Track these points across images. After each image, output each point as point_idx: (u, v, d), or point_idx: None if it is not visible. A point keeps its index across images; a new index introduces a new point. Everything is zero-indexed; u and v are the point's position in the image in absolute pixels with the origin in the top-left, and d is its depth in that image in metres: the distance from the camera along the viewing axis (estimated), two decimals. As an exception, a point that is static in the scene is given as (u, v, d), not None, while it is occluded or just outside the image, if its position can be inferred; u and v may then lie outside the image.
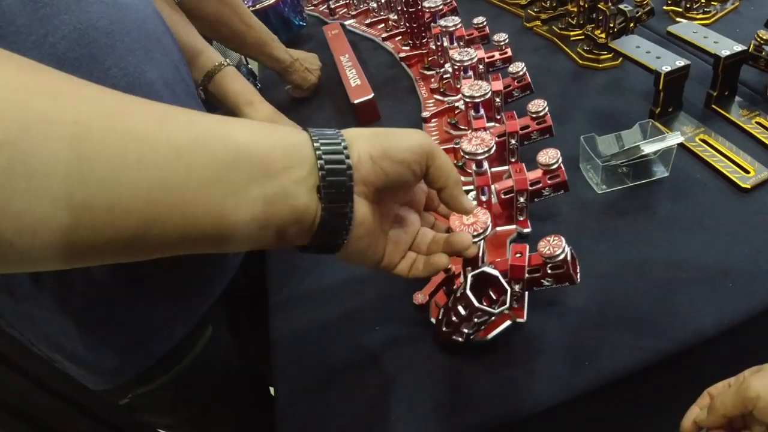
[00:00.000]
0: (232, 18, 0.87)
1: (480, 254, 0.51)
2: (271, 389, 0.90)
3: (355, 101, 0.91)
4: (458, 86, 0.86)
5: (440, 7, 0.93)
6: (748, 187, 0.65)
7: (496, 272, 0.48)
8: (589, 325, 0.56)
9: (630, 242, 0.63)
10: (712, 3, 0.96)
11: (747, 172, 0.67)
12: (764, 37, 0.74)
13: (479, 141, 0.56)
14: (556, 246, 0.49)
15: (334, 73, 1.07)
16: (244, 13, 0.90)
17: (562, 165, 0.59)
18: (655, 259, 0.60)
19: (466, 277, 0.49)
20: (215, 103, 0.84)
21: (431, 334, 0.57)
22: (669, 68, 0.71)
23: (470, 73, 0.75)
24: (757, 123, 0.73)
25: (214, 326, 0.73)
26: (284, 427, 0.56)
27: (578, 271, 0.51)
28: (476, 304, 0.46)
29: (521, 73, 0.75)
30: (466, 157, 0.56)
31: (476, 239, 0.47)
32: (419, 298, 0.56)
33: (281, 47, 0.98)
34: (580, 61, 0.92)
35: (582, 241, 0.63)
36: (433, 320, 0.57)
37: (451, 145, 0.71)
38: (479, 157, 0.55)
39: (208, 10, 0.84)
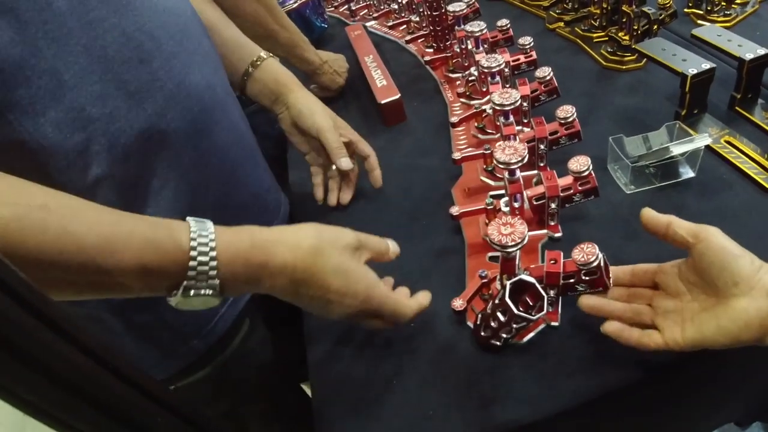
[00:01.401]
0: (267, 18, 0.90)
1: (517, 261, 0.54)
2: (303, 385, 0.94)
3: (382, 101, 0.93)
4: (484, 89, 0.88)
5: (464, 10, 0.94)
6: (774, 188, 0.67)
7: (532, 279, 0.50)
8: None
9: (659, 242, 0.64)
10: (733, 6, 0.97)
11: (772, 173, 0.68)
12: (788, 39, 0.75)
13: (512, 150, 0.58)
14: (590, 254, 0.51)
15: (357, 73, 1.09)
16: (279, 14, 0.92)
17: (592, 172, 0.61)
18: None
19: (504, 285, 0.51)
20: (251, 98, 0.86)
21: (467, 336, 0.60)
22: (695, 71, 0.72)
23: (497, 78, 0.77)
24: (780, 124, 0.74)
25: (251, 320, 0.76)
26: (322, 426, 0.59)
27: (611, 276, 0.53)
28: (516, 311, 0.49)
29: (548, 77, 0.76)
30: (500, 166, 0.58)
31: (513, 249, 0.49)
32: (457, 303, 0.59)
33: (311, 49, 1.00)
34: (604, 63, 0.93)
35: (611, 242, 0.65)
36: (470, 324, 0.60)
37: (481, 151, 0.73)
38: (513, 167, 0.57)
39: (245, 9, 0.86)
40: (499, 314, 0.52)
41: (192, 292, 0.46)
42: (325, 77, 1.05)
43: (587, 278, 0.52)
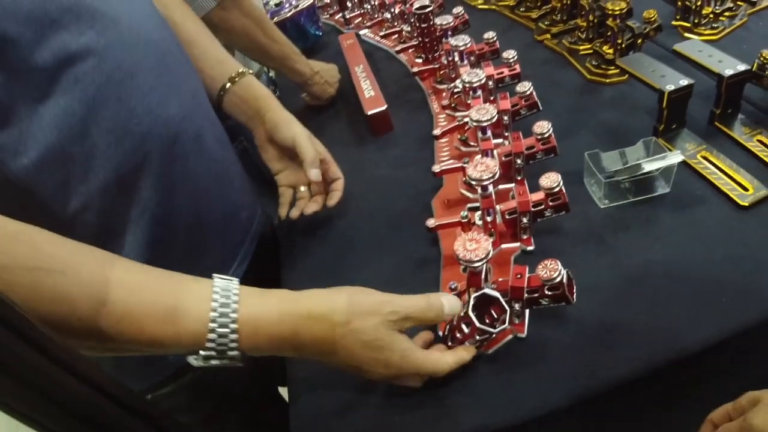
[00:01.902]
0: (256, 31, 0.92)
1: (484, 274, 0.55)
2: (281, 389, 0.96)
3: (369, 112, 0.95)
4: (468, 102, 0.89)
5: (452, 23, 0.96)
6: (746, 204, 0.68)
7: (496, 294, 0.52)
8: (588, 337, 0.59)
9: (630, 256, 0.66)
10: (721, 18, 0.98)
11: (746, 189, 0.69)
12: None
13: (484, 167, 0.59)
14: (553, 270, 0.52)
15: (348, 82, 1.10)
16: (269, 27, 0.94)
17: (563, 188, 0.62)
18: (654, 273, 0.63)
19: (469, 297, 0.53)
20: (228, 113, 0.87)
21: (437, 343, 0.61)
22: (673, 87, 0.74)
23: (479, 93, 0.78)
24: (758, 141, 0.75)
25: None
26: (297, 426, 0.60)
27: (574, 291, 0.55)
28: (477, 324, 0.50)
29: (528, 92, 0.78)
30: (472, 182, 0.59)
31: (478, 264, 0.51)
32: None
33: (303, 60, 1.02)
34: (588, 76, 0.94)
35: (584, 255, 0.67)
36: (440, 333, 0.61)
37: (461, 164, 0.74)
38: (485, 183, 0.59)
39: (234, 23, 0.88)
40: (463, 326, 0.53)
41: (212, 362, 0.47)
42: (316, 87, 1.06)
43: (550, 293, 0.54)
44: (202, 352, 0.46)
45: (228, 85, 0.80)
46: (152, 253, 0.63)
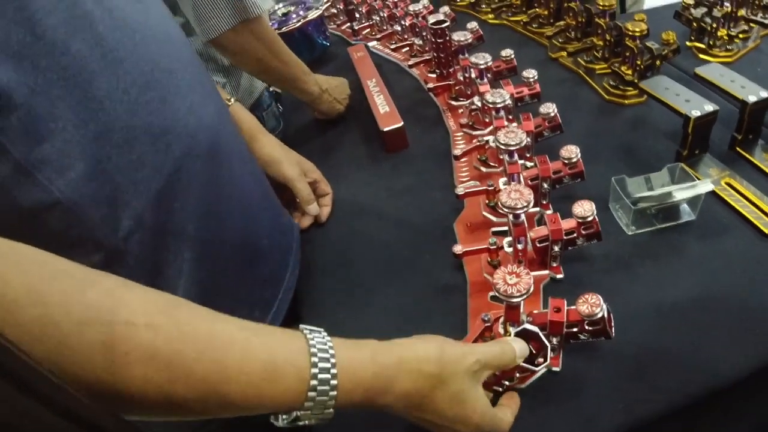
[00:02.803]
0: (267, 55, 0.89)
1: (521, 308, 0.54)
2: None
3: (385, 129, 0.93)
4: (487, 120, 0.88)
5: (469, 39, 0.94)
6: (773, 233, 0.67)
7: (536, 329, 0.50)
8: (622, 369, 0.58)
9: (660, 285, 0.65)
10: (735, 41, 0.98)
11: (771, 217, 0.69)
12: (788, 82, 0.76)
13: (518, 195, 0.58)
14: (595, 305, 0.51)
15: (359, 96, 1.09)
16: (280, 50, 0.91)
17: (596, 217, 0.61)
18: (685, 303, 0.62)
19: (507, 333, 0.51)
20: None
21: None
22: (699, 113, 0.73)
23: (502, 113, 0.77)
24: (781, 167, 0.75)
25: None
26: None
27: (613, 326, 0.53)
28: (521, 363, 0.49)
29: (552, 114, 0.77)
30: (505, 210, 0.58)
31: (519, 299, 0.50)
32: (461, 347, 0.59)
33: (312, 80, 1.00)
34: (606, 96, 0.94)
35: (614, 283, 0.65)
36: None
37: (484, 187, 0.73)
38: (518, 212, 0.57)
39: (245, 47, 0.86)
40: (501, 363, 0.52)
41: (302, 422, 0.42)
42: (324, 105, 1.04)
43: (590, 328, 0.52)
44: (299, 413, 0.41)
45: None
46: (209, 268, 0.60)
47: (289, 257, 0.76)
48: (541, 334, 0.50)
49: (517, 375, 0.52)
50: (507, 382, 0.54)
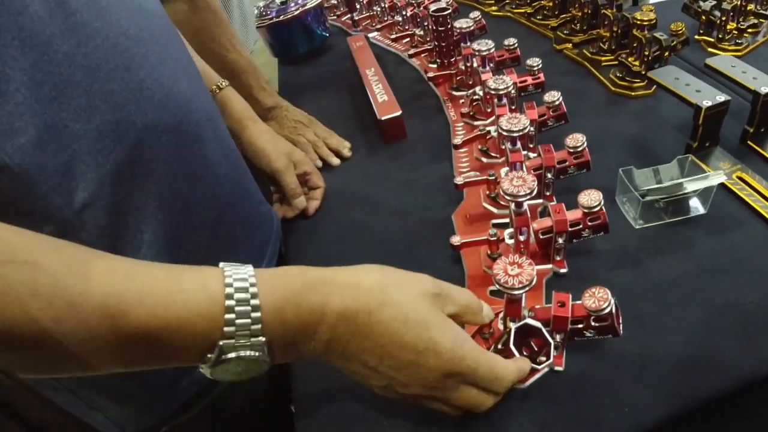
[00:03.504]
0: (207, 30, 0.84)
1: (523, 302, 0.50)
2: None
3: (383, 117, 0.90)
4: (489, 110, 0.85)
5: (471, 27, 0.91)
6: (787, 229, 0.64)
7: (539, 324, 0.47)
8: (628, 370, 0.55)
9: (669, 282, 0.62)
10: (744, 35, 0.95)
11: (785, 213, 0.66)
12: (803, 74, 0.73)
13: (521, 181, 0.55)
14: (602, 299, 0.47)
15: (358, 86, 1.05)
16: (225, 34, 0.86)
17: (603, 207, 0.58)
18: (694, 300, 0.59)
19: (508, 329, 0.48)
20: None
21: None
22: (710, 103, 0.70)
23: (504, 100, 0.74)
24: (794, 162, 0.72)
25: None
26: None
27: (621, 322, 0.50)
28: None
29: (557, 102, 0.74)
30: (507, 197, 0.55)
31: (520, 291, 0.46)
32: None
33: (269, 89, 0.94)
34: (613, 88, 0.90)
35: (621, 279, 0.62)
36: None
37: (485, 177, 0.70)
38: (521, 199, 0.54)
39: (179, 16, 0.80)
40: (502, 360, 0.48)
41: (231, 355, 0.37)
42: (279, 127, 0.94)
43: (597, 324, 0.49)
44: (220, 342, 0.36)
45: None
46: (173, 252, 0.56)
47: (266, 249, 0.73)
48: (544, 330, 0.47)
49: None
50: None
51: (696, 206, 0.68)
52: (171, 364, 0.38)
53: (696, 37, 0.99)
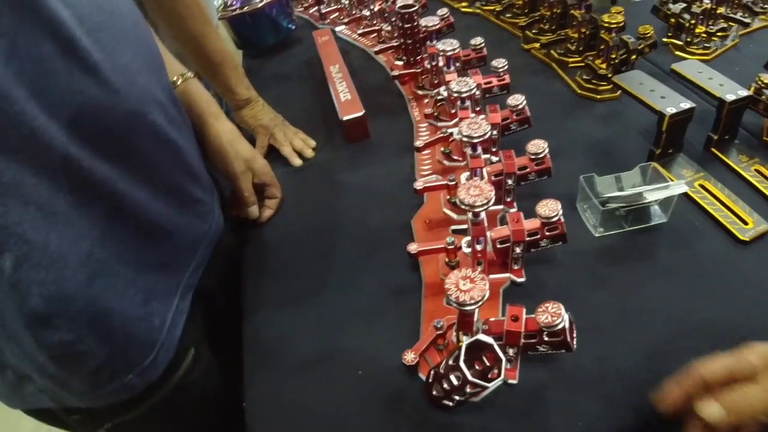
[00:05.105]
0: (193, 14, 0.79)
1: (475, 317, 0.49)
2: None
3: (344, 118, 0.87)
4: (453, 111, 0.83)
5: (438, 25, 0.89)
6: (747, 239, 0.64)
7: (491, 340, 0.45)
8: (583, 382, 0.54)
9: (627, 291, 0.61)
10: (713, 39, 0.94)
11: (746, 223, 0.65)
12: (765, 81, 0.72)
13: (478, 191, 0.53)
14: (555, 315, 0.46)
15: (322, 82, 1.02)
16: (207, 17, 0.81)
17: (562, 217, 0.57)
18: (652, 312, 0.58)
19: (459, 345, 0.46)
20: None
21: (418, 389, 0.55)
22: (674, 110, 0.69)
23: (467, 103, 0.72)
24: (756, 171, 0.71)
25: (195, 348, 0.69)
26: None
27: (575, 337, 0.49)
28: (470, 378, 0.44)
29: (521, 106, 0.72)
30: (464, 207, 0.53)
31: (472, 307, 0.44)
32: (409, 357, 0.53)
33: (245, 80, 0.90)
34: (579, 90, 0.89)
35: (578, 289, 0.61)
36: (422, 375, 0.54)
37: (445, 181, 0.68)
38: (477, 209, 0.52)
39: (178, 11, 0.76)
40: (452, 377, 0.47)
41: None
42: (249, 119, 0.93)
43: (550, 340, 0.48)
44: None
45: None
46: (103, 235, 0.53)
47: (197, 250, 0.69)
48: (496, 346, 0.45)
49: (468, 390, 0.47)
50: (458, 397, 0.49)
51: (657, 214, 0.68)
52: None
53: (664, 39, 0.98)
